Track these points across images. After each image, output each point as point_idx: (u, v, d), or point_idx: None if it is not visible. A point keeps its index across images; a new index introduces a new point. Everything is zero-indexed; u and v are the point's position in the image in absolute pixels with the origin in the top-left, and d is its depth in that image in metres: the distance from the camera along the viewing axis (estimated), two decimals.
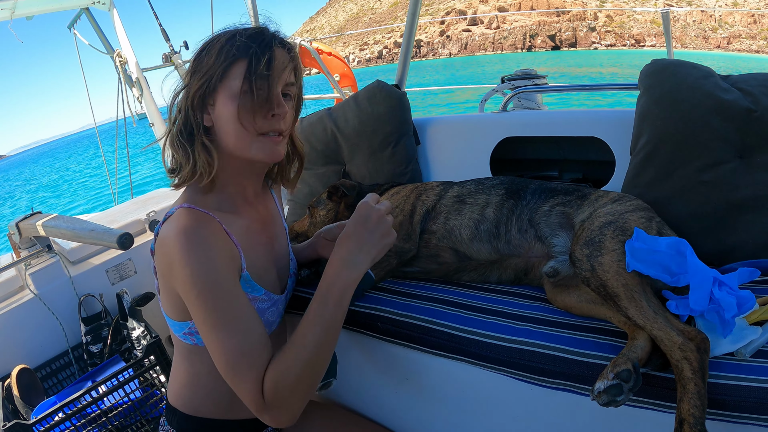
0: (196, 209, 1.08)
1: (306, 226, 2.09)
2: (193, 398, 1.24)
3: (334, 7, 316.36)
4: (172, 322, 1.18)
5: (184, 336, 1.17)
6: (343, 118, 2.32)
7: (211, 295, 1.01)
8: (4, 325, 2.08)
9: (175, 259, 1.01)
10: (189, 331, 1.16)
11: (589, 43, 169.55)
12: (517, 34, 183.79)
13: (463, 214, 1.63)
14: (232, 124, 1.11)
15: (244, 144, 1.13)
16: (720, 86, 1.54)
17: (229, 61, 1.08)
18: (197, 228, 1.04)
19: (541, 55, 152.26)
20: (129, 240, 1.88)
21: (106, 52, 3.57)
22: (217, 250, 1.05)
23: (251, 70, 1.08)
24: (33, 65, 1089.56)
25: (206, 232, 1.05)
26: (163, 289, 1.14)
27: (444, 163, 2.37)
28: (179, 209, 1.08)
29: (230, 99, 1.09)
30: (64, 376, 2.19)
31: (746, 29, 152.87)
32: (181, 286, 1.03)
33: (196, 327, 1.12)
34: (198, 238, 1.03)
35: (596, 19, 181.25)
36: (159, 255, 1.08)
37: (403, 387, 1.49)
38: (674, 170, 1.54)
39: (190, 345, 1.19)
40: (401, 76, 2.52)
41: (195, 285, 1.00)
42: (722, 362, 1.04)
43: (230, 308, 1.02)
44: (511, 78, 2.55)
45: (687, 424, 0.94)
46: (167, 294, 1.13)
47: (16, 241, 2.32)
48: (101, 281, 2.37)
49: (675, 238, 1.26)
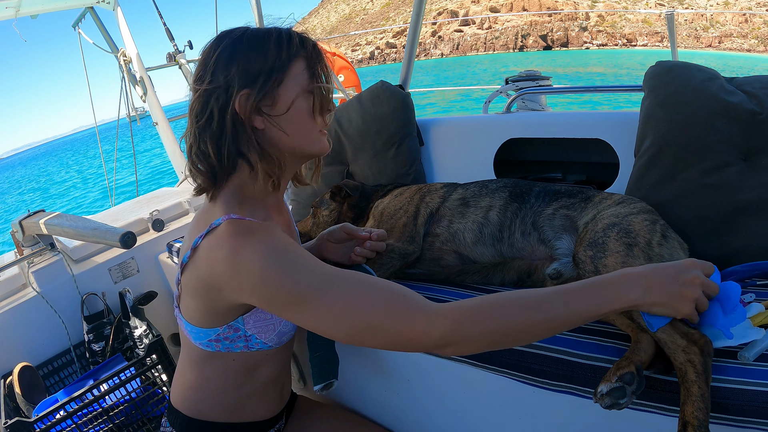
0: (246, 219, 1.03)
1: (309, 226, 2.09)
2: (199, 402, 1.22)
3: (326, 7, 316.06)
4: (196, 330, 1.13)
5: (208, 343, 1.13)
6: (347, 119, 2.32)
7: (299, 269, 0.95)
8: (7, 322, 2.09)
9: (239, 274, 0.96)
10: (217, 337, 1.12)
11: (580, 42, 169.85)
12: (508, 35, 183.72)
13: (466, 217, 1.63)
14: (303, 122, 1.09)
15: (311, 140, 1.12)
16: (725, 88, 1.54)
17: (287, 60, 1.06)
18: (255, 233, 0.99)
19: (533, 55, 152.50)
20: (132, 239, 1.88)
21: (110, 51, 3.58)
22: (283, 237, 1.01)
23: (315, 66, 1.08)
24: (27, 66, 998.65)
25: (265, 233, 1.00)
26: (195, 302, 1.10)
27: (448, 164, 2.36)
28: (227, 221, 1.02)
29: (300, 96, 1.08)
30: (66, 374, 2.19)
31: (737, 28, 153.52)
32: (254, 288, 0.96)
33: (224, 333, 1.11)
34: (259, 238, 0.98)
35: (588, 19, 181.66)
36: (203, 270, 1.02)
37: (404, 388, 1.49)
38: (678, 173, 1.54)
39: (210, 351, 1.15)
40: (405, 77, 2.52)
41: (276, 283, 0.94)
42: (726, 366, 1.04)
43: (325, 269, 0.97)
44: (515, 79, 2.55)
45: (691, 427, 0.93)
46: (201, 305, 1.09)
47: (19, 239, 2.33)
48: (104, 280, 2.37)
49: None
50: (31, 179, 37.30)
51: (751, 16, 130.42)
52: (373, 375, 1.58)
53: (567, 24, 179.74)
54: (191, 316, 1.12)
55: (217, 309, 1.07)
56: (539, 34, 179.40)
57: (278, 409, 1.36)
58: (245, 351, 1.16)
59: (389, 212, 1.78)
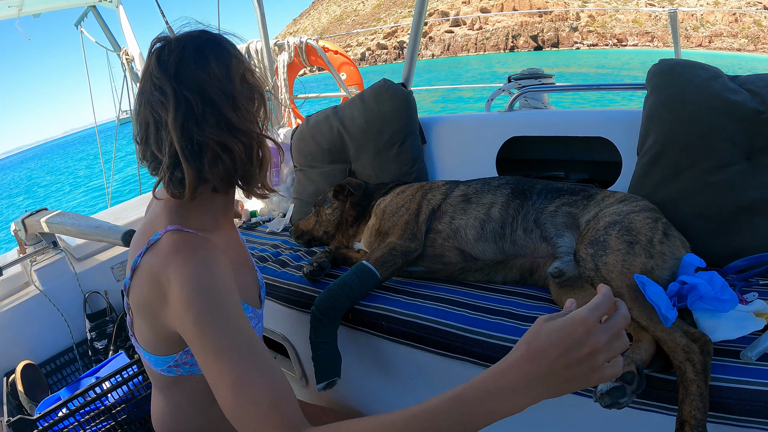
0: (187, 231, 0.99)
1: (312, 224, 2.09)
2: (175, 424, 1.18)
3: (317, 8, 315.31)
4: (153, 358, 1.07)
5: (168, 369, 1.08)
6: (350, 117, 2.32)
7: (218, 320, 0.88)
8: (10, 320, 2.09)
9: (168, 289, 0.91)
10: (175, 363, 1.07)
11: (571, 43, 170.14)
12: (499, 35, 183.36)
13: (468, 213, 1.62)
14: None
15: None
16: (728, 87, 1.53)
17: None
18: (194, 250, 0.95)
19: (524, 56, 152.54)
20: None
21: (112, 49, 3.58)
22: (217, 273, 0.94)
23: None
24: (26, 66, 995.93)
25: (206, 255, 0.95)
26: (142, 322, 1.04)
27: (450, 162, 2.36)
28: (166, 234, 0.98)
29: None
30: (69, 372, 2.20)
31: (727, 27, 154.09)
32: (176, 316, 0.91)
33: (182, 359, 1.06)
34: (198, 261, 0.93)
35: (578, 19, 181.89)
36: (144, 285, 0.97)
37: (407, 386, 1.49)
38: (681, 171, 1.53)
39: (172, 376, 1.10)
40: (407, 75, 2.52)
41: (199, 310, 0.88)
42: (727, 365, 1.03)
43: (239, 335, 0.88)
44: (518, 77, 2.53)
45: (688, 426, 0.93)
46: (147, 326, 1.03)
47: (21, 237, 2.33)
48: (106, 278, 2.37)
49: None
50: (19, 183, 37.31)
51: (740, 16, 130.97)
52: (375, 373, 1.59)
53: (558, 24, 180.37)
54: (146, 344, 1.07)
55: (165, 333, 1.00)
56: (530, 34, 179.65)
57: None
58: None
59: (391, 210, 1.78)
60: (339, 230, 2.03)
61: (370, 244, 1.83)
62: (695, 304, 1.14)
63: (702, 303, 1.13)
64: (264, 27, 2.99)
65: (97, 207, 4.01)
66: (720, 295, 1.11)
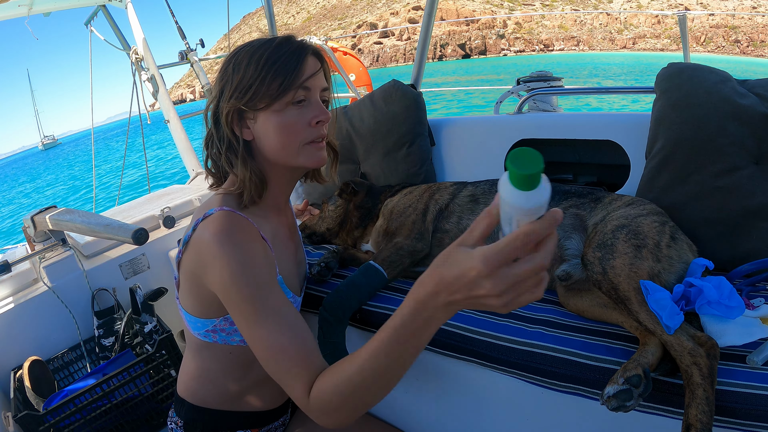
0: (235, 212, 1.09)
1: (314, 219, 2.10)
2: (202, 390, 1.26)
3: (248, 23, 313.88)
4: (192, 319, 1.18)
5: (205, 334, 1.18)
6: (359, 118, 2.33)
7: (253, 291, 1.00)
8: (18, 316, 2.10)
9: (213, 260, 1.02)
10: (213, 328, 1.17)
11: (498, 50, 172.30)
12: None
13: (476, 214, 1.62)
14: (277, 137, 1.12)
15: (291, 154, 1.15)
16: (737, 91, 1.53)
17: (266, 75, 1.08)
18: (236, 231, 1.05)
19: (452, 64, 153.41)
20: (144, 235, 1.88)
21: (122, 48, 3.60)
22: (256, 252, 1.05)
23: (291, 82, 1.09)
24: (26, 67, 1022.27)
25: (245, 236, 1.06)
26: (188, 286, 1.15)
27: (458, 164, 2.36)
28: (218, 212, 1.08)
29: (273, 112, 1.11)
30: (76, 368, 2.21)
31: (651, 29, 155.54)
32: (219, 285, 1.02)
33: (220, 325, 1.15)
34: (237, 240, 1.04)
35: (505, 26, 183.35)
36: (193, 253, 1.09)
37: (413, 387, 1.49)
38: (689, 175, 1.53)
39: (207, 342, 1.20)
40: (417, 77, 2.52)
41: (235, 283, 1.00)
42: (734, 370, 1.03)
43: (272, 305, 1.00)
44: (527, 80, 2.54)
45: (694, 429, 0.93)
46: (193, 291, 1.14)
47: (30, 234, 2.34)
48: (115, 275, 2.38)
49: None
50: (32, 179, 37.40)
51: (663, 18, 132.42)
52: None
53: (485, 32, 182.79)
54: (188, 305, 1.18)
55: (206, 297, 1.11)
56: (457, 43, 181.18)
57: (280, 401, 1.37)
58: (242, 345, 1.19)
59: (399, 210, 1.78)
60: (342, 229, 2.03)
61: (377, 244, 1.84)
62: (703, 308, 1.14)
63: (709, 308, 1.13)
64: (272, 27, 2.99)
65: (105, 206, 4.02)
66: (728, 302, 1.11)
